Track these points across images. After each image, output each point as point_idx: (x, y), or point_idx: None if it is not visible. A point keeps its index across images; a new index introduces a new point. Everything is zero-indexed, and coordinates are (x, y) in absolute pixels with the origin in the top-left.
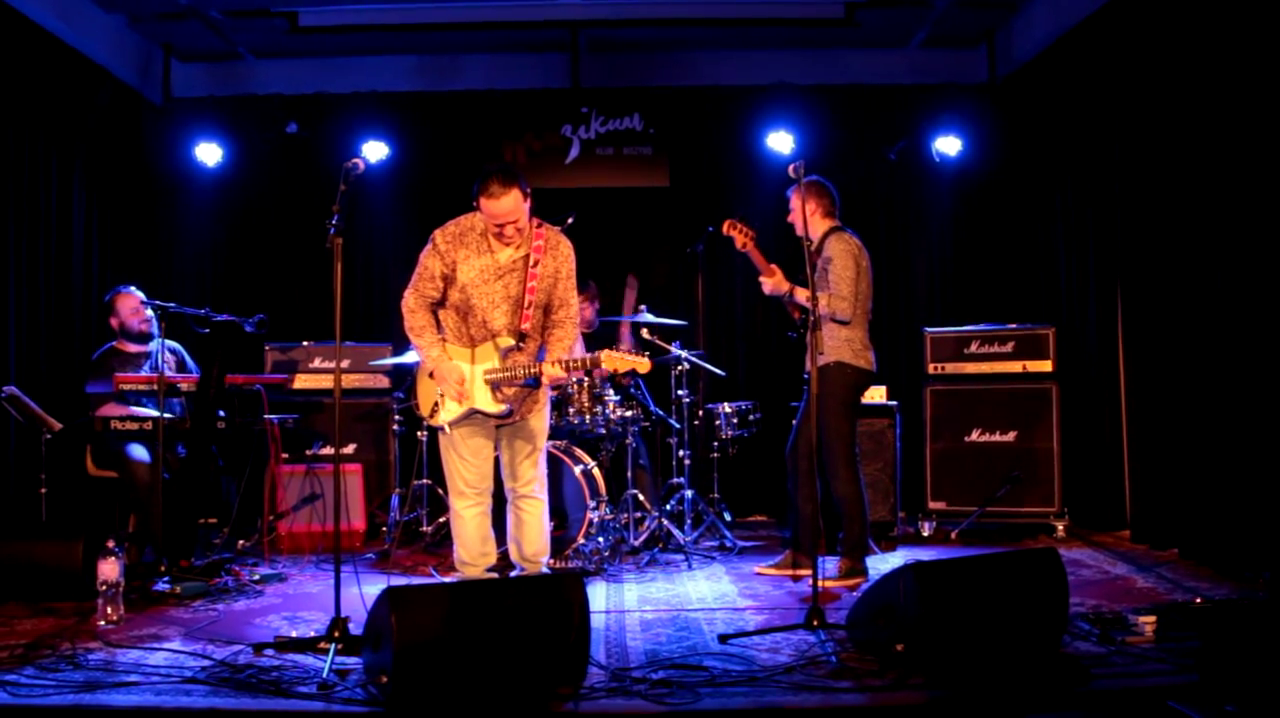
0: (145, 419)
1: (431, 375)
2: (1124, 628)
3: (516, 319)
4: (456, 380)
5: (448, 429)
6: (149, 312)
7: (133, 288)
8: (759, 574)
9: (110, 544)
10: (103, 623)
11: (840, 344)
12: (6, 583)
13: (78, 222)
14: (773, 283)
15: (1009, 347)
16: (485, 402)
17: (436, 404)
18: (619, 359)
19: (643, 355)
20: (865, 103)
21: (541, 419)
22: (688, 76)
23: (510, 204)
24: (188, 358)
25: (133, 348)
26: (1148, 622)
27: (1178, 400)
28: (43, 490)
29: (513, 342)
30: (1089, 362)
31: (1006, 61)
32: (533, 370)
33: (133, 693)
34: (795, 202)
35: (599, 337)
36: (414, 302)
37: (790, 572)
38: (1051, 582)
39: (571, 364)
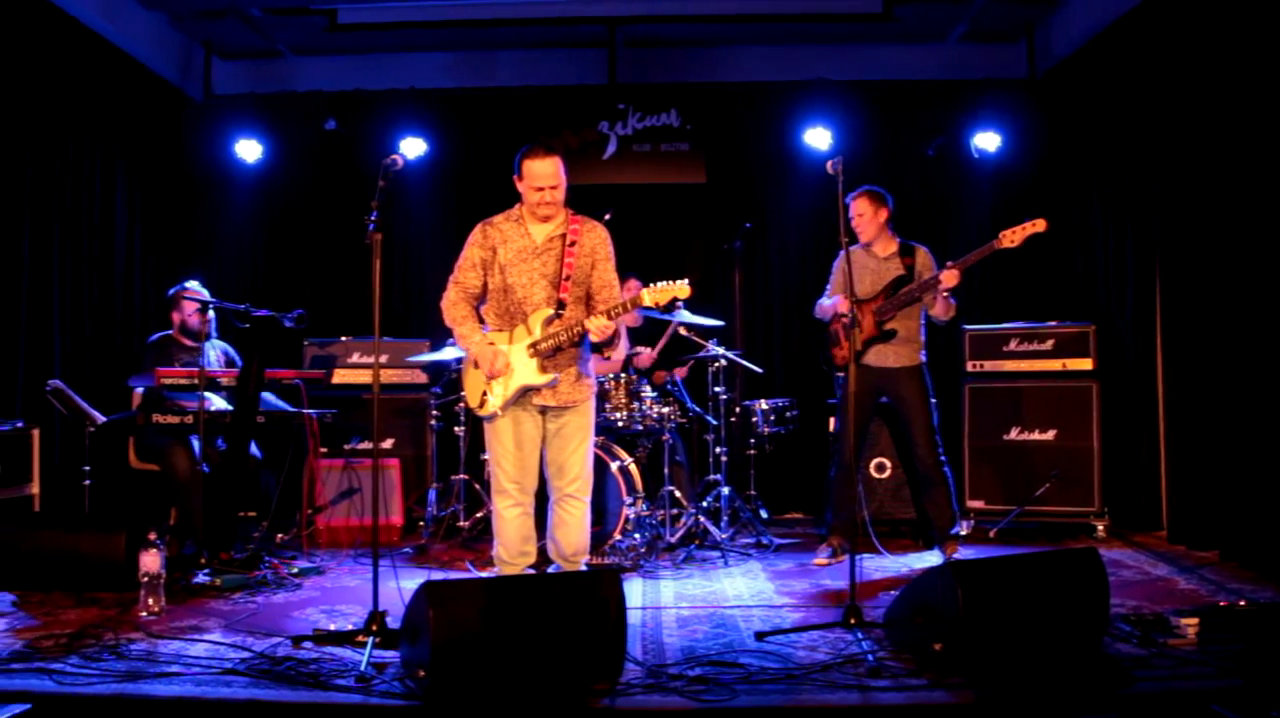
0: (186, 413)
1: (476, 365)
2: (1166, 630)
3: (555, 293)
4: (502, 363)
5: (500, 413)
6: (210, 313)
7: (195, 284)
8: (817, 567)
9: (152, 536)
10: (144, 614)
11: (922, 346)
12: (52, 573)
13: (120, 218)
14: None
15: (1049, 344)
16: (531, 375)
17: (485, 393)
18: (659, 292)
19: (681, 281)
20: (903, 98)
21: (586, 415)
22: (725, 72)
23: (552, 168)
24: (237, 358)
25: (189, 341)
26: (1190, 624)
27: (1218, 400)
28: (86, 483)
29: (551, 311)
30: (1126, 360)
31: (1046, 56)
32: (577, 329)
33: (174, 684)
34: (862, 207)
35: (641, 333)
36: (454, 294)
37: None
38: (1092, 582)
39: (614, 311)
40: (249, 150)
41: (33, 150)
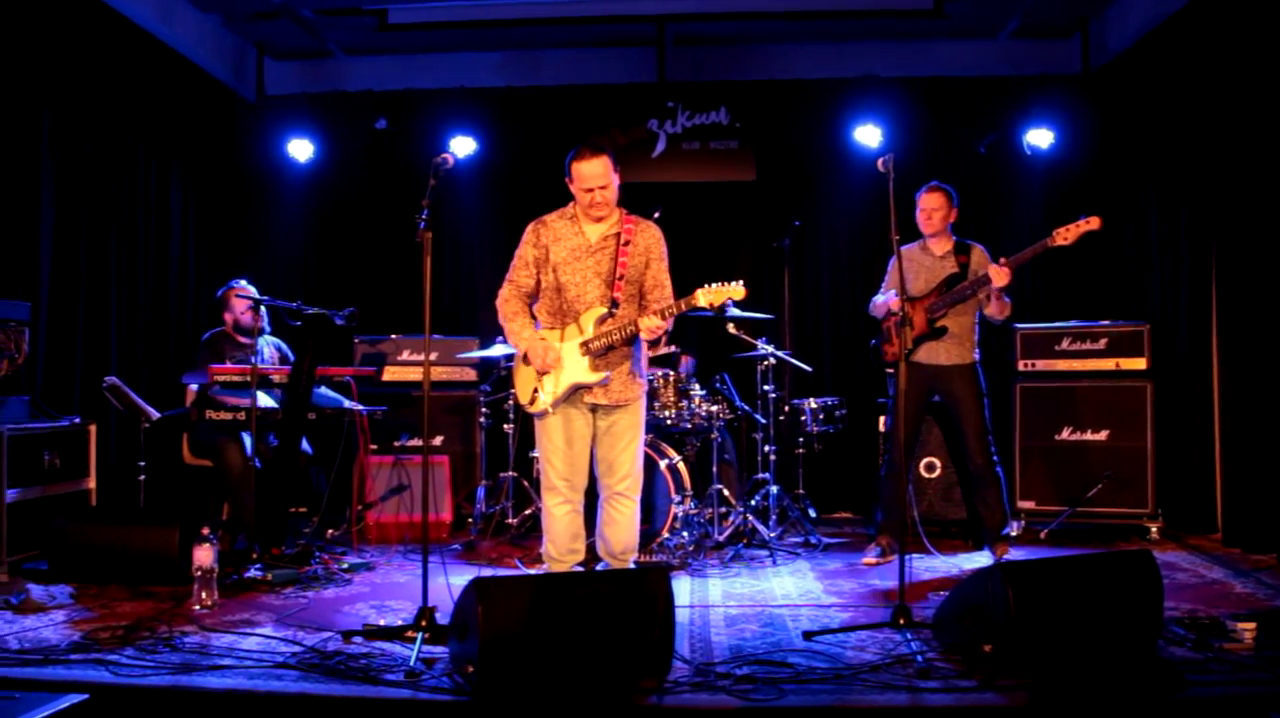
0: (239, 410)
1: (526, 360)
2: (1222, 634)
3: (608, 292)
4: (553, 357)
5: (551, 411)
6: (263, 308)
7: (244, 282)
8: (866, 566)
9: (205, 531)
10: (198, 608)
11: (975, 344)
12: (108, 567)
13: (175, 217)
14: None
15: (1101, 344)
16: (583, 373)
17: (536, 390)
18: (714, 293)
19: (736, 283)
20: (955, 95)
21: (637, 413)
22: (774, 70)
23: (600, 168)
24: (290, 353)
25: (243, 338)
26: (1247, 629)
27: (1275, 400)
28: (141, 478)
29: (604, 310)
30: (1180, 359)
31: (1100, 52)
32: (629, 328)
33: (227, 677)
34: (939, 202)
35: (691, 331)
36: (508, 292)
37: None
38: (1145, 585)
39: (667, 310)
40: (301, 150)
41: (90, 151)
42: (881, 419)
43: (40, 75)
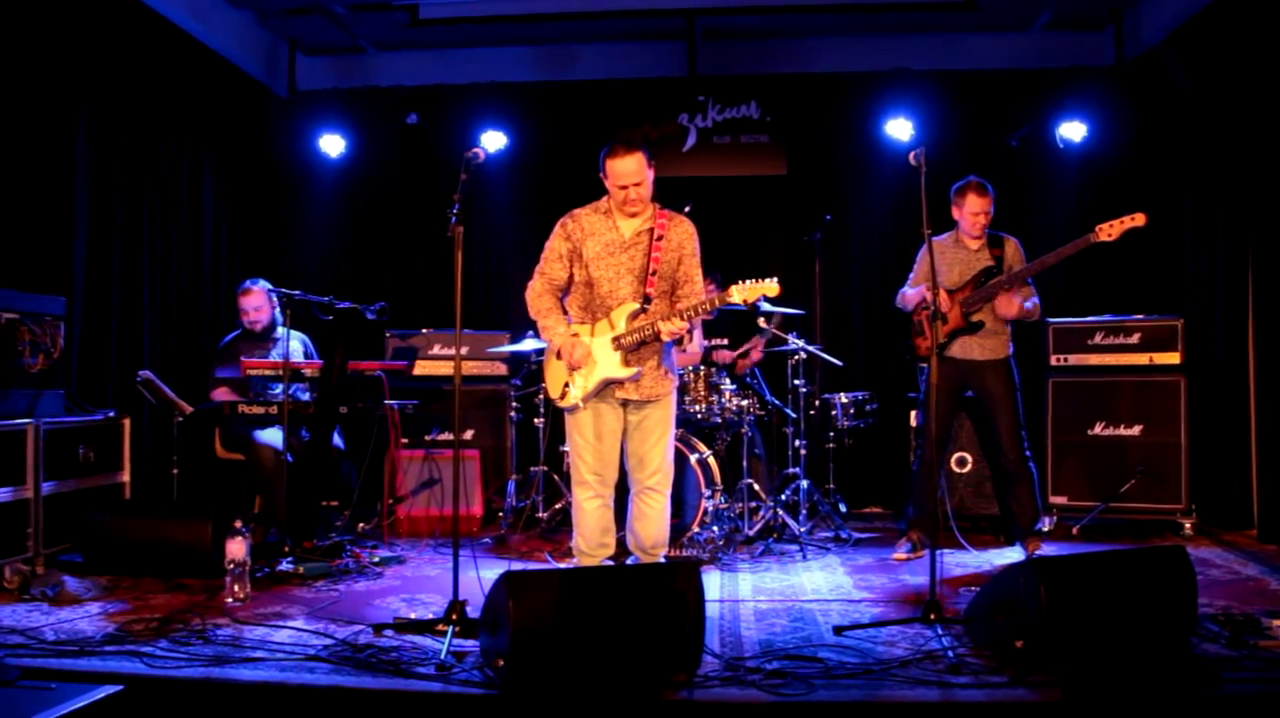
0: (270, 404)
1: (558, 356)
2: (1257, 631)
3: (641, 288)
4: (582, 353)
5: (581, 406)
6: (273, 312)
7: (250, 282)
8: (896, 561)
9: (237, 525)
10: (230, 600)
11: (1010, 337)
12: (142, 559)
13: (208, 212)
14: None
15: (1135, 338)
16: (614, 368)
17: (567, 385)
18: (748, 289)
19: (770, 280)
20: (986, 88)
21: (668, 408)
22: (805, 63)
23: (634, 165)
24: (313, 350)
25: (260, 335)
26: None
27: None
28: (174, 471)
29: (637, 305)
30: (1215, 354)
31: (1134, 43)
32: (655, 328)
33: (259, 669)
34: (990, 204)
35: (722, 325)
36: (540, 285)
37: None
38: (1179, 581)
39: (687, 312)
40: (332, 145)
41: (124, 148)
42: (913, 414)
43: (76, 75)
